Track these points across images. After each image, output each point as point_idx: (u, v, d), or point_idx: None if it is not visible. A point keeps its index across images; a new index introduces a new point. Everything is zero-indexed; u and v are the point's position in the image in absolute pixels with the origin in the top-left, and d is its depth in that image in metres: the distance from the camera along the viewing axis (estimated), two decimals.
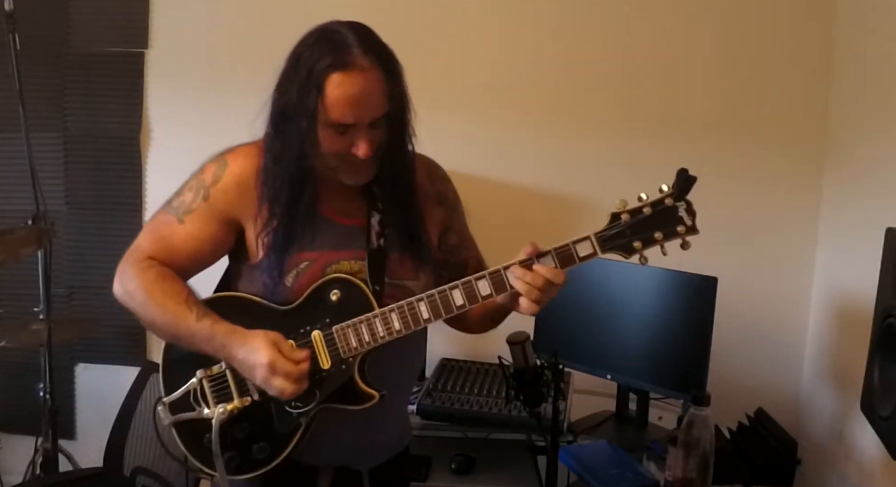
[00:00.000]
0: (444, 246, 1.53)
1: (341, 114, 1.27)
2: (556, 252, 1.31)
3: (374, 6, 2.63)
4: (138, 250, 1.42)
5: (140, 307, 1.38)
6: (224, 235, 1.41)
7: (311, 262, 1.38)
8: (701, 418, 1.71)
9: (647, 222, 1.29)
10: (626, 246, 1.30)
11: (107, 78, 2.80)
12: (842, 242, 2.45)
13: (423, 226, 1.46)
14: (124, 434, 2.35)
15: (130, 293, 1.38)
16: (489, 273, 1.32)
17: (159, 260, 1.40)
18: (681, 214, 1.29)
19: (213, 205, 1.39)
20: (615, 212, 1.30)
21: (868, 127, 2.27)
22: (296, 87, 1.30)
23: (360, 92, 1.26)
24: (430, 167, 1.52)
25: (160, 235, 1.42)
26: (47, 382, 2.50)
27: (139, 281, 1.37)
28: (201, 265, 1.43)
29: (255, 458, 1.39)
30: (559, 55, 2.65)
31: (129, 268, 1.40)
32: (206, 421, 1.36)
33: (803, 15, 2.54)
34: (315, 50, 1.29)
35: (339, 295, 1.36)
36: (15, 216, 2.64)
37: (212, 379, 1.38)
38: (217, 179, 1.40)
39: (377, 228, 1.42)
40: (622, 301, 2.30)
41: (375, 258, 1.41)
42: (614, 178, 2.65)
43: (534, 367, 1.54)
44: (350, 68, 1.25)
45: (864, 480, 2.12)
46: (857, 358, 1.75)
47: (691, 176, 1.28)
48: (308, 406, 1.36)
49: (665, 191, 1.30)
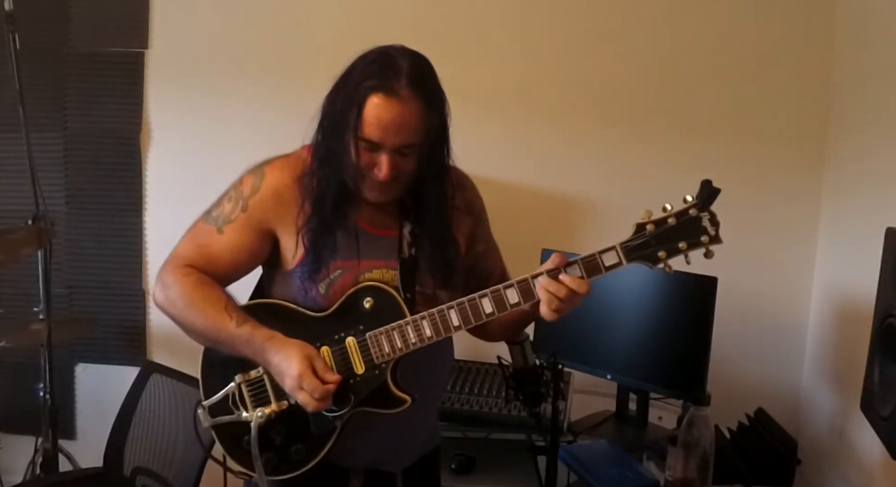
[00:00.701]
0: (470, 255, 1.57)
1: (370, 133, 1.33)
2: (583, 261, 1.34)
3: (374, 6, 2.65)
4: (178, 257, 1.46)
5: (181, 313, 1.41)
6: (261, 245, 1.46)
7: (344, 271, 1.43)
8: (701, 418, 1.71)
9: (671, 232, 1.33)
10: (650, 256, 1.34)
11: (107, 78, 2.81)
12: (842, 242, 2.45)
13: (454, 237, 1.51)
14: (124, 434, 2.35)
15: (171, 299, 1.42)
16: (517, 281, 1.37)
17: (198, 268, 1.44)
18: (704, 224, 1.33)
19: (251, 216, 1.44)
20: (640, 223, 1.33)
21: (868, 126, 2.27)
22: (341, 100, 1.36)
23: (393, 118, 1.32)
24: (460, 177, 1.57)
25: (200, 244, 1.46)
26: (47, 382, 2.50)
27: (179, 287, 1.41)
28: (238, 274, 1.48)
29: (293, 459, 1.44)
30: (562, 56, 2.65)
31: (168, 275, 1.44)
32: (244, 424, 1.41)
33: (803, 15, 2.54)
34: (368, 69, 1.34)
35: (371, 302, 1.41)
36: (15, 216, 2.64)
37: (250, 383, 1.43)
38: (255, 191, 1.44)
39: (409, 239, 1.47)
40: (622, 301, 2.30)
41: (407, 267, 1.46)
42: (616, 178, 2.66)
43: (533, 367, 1.55)
44: (390, 94, 1.31)
45: (864, 480, 2.12)
46: (857, 358, 1.75)
47: (715, 187, 1.32)
48: (343, 410, 1.40)
49: (689, 201, 1.33)
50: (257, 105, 2.67)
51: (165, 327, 2.86)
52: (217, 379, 1.46)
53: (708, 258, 1.34)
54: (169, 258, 1.47)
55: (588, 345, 2.36)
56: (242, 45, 2.72)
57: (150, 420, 2.33)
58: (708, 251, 1.34)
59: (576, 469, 2.03)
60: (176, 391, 2.27)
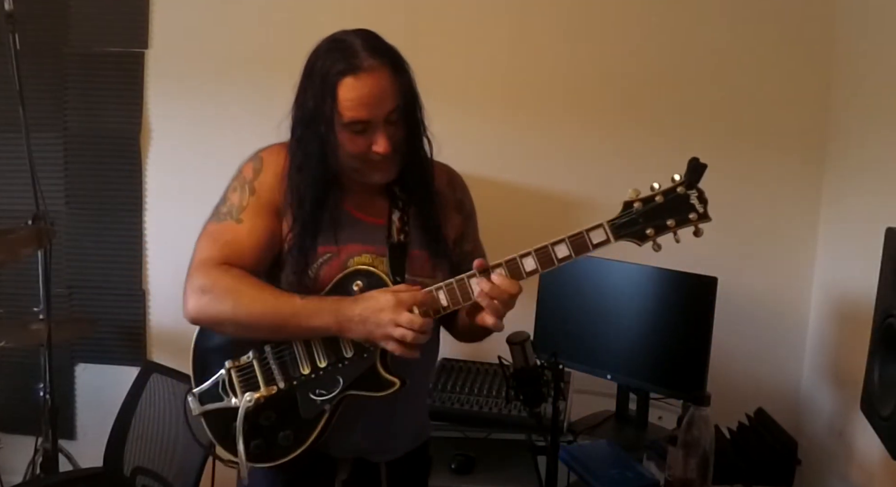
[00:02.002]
0: (457, 253, 1.57)
1: (356, 114, 1.33)
2: (570, 239, 1.34)
3: (374, 6, 2.65)
4: (206, 261, 1.40)
5: (232, 308, 1.36)
6: (278, 224, 1.45)
7: (332, 255, 1.43)
8: (701, 418, 1.71)
9: (659, 210, 1.33)
10: (638, 233, 1.33)
11: (107, 78, 2.80)
12: (842, 242, 2.45)
13: (443, 227, 1.51)
14: (124, 434, 2.35)
15: (217, 297, 1.36)
16: (506, 261, 1.36)
17: (231, 264, 1.40)
18: (693, 202, 1.33)
19: (260, 197, 1.44)
20: (628, 201, 1.34)
21: (868, 126, 2.27)
22: (311, 96, 1.36)
23: (371, 90, 1.33)
24: (451, 175, 1.58)
25: (224, 241, 1.42)
26: (47, 382, 2.50)
27: (223, 283, 1.37)
28: (268, 259, 1.45)
29: (280, 445, 1.43)
30: (561, 55, 2.65)
31: (202, 279, 1.38)
32: (234, 411, 1.42)
33: (803, 15, 2.54)
34: (326, 59, 1.35)
35: (361, 286, 1.40)
36: (15, 216, 2.64)
37: (240, 369, 1.43)
38: (257, 172, 1.45)
39: (398, 225, 1.48)
40: (622, 301, 2.30)
41: (396, 253, 1.46)
42: (614, 178, 2.65)
43: (534, 367, 1.55)
44: (359, 71, 1.32)
45: (864, 480, 2.12)
46: (857, 358, 1.74)
47: (702, 164, 1.32)
48: (332, 393, 1.40)
49: (677, 180, 1.33)
50: (257, 105, 2.67)
51: (165, 327, 2.87)
52: (207, 366, 1.45)
53: (697, 236, 1.33)
54: (192, 269, 1.41)
55: (588, 345, 2.36)
56: (242, 46, 2.72)
57: (150, 420, 2.33)
58: (697, 229, 1.33)
59: (576, 469, 2.03)
60: (176, 391, 2.27)
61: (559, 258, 1.35)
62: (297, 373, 1.42)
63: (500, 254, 1.35)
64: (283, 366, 1.42)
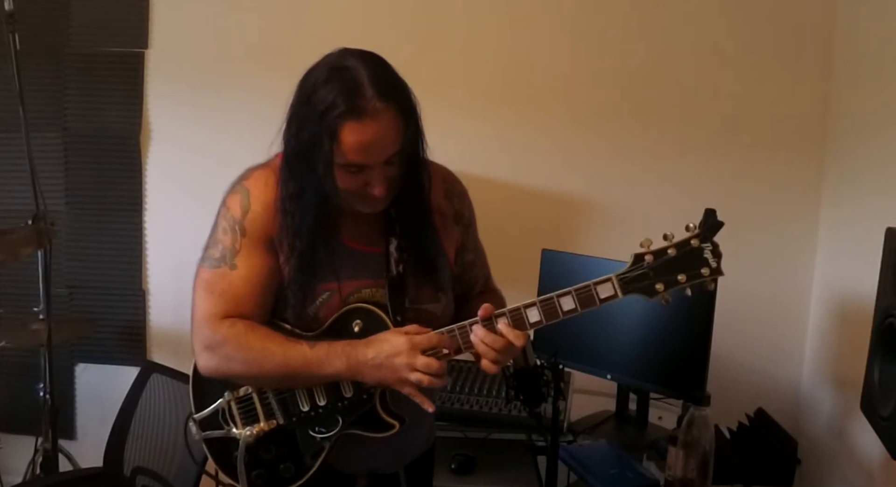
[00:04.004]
0: (458, 264, 1.55)
1: (354, 158, 1.26)
2: (577, 292, 1.31)
3: (374, 7, 2.65)
4: (207, 317, 1.37)
5: (244, 365, 1.35)
6: (274, 258, 1.39)
7: (332, 293, 1.39)
8: (701, 418, 1.71)
9: (671, 263, 1.29)
10: (648, 288, 1.31)
11: (107, 78, 2.81)
12: (842, 242, 2.45)
13: (441, 247, 1.47)
14: (124, 434, 2.35)
15: (228, 356, 1.35)
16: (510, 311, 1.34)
17: (233, 315, 1.36)
18: (706, 256, 1.29)
19: (252, 236, 1.37)
20: (639, 253, 1.30)
21: (867, 126, 2.27)
22: (308, 130, 1.27)
23: (373, 137, 1.24)
24: (447, 182, 1.52)
25: (220, 291, 1.37)
26: (47, 382, 2.50)
27: (232, 341, 1.34)
28: (270, 300, 1.41)
29: (282, 476, 1.43)
30: (560, 54, 2.65)
31: (210, 337, 1.36)
32: (234, 440, 1.41)
33: (803, 14, 2.54)
34: (328, 91, 1.24)
35: (360, 325, 1.38)
36: (15, 216, 2.64)
37: (240, 400, 1.42)
38: (246, 210, 1.38)
39: (395, 255, 1.42)
40: (622, 301, 2.29)
41: (396, 285, 1.42)
42: (614, 177, 2.65)
43: (534, 367, 1.54)
44: (364, 116, 1.22)
45: (864, 480, 2.12)
46: (857, 358, 1.74)
47: (719, 220, 1.27)
48: (331, 432, 1.39)
49: (691, 230, 1.29)
50: (257, 105, 2.66)
51: (165, 327, 2.87)
52: (207, 392, 1.44)
53: (708, 289, 1.30)
54: (196, 324, 1.38)
55: (588, 345, 2.35)
56: (242, 45, 2.73)
57: (150, 420, 2.33)
58: (708, 284, 1.30)
59: (576, 469, 2.03)
60: (176, 391, 2.27)
61: (564, 311, 1.32)
62: (297, 410, 1.41)
63: (500, 254, 1.34)
64: (282, 402, 1.41)
